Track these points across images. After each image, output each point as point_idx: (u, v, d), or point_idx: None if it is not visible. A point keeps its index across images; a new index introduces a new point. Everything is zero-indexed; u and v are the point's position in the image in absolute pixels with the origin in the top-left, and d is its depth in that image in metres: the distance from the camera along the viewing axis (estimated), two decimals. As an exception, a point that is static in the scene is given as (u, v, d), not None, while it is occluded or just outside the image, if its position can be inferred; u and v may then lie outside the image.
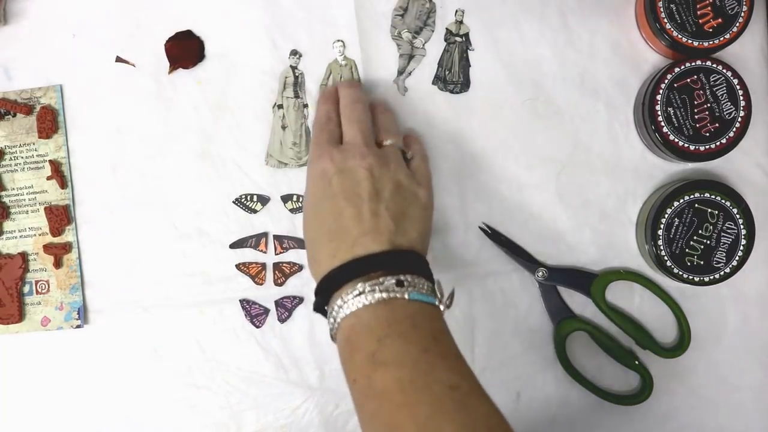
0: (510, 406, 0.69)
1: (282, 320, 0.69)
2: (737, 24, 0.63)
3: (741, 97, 0.63)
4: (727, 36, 0.63)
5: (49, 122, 0.69)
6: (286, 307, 0.69)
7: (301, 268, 0.69)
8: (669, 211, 0.64)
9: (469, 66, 0.68)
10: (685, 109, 0.63)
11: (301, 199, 0.69)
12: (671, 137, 0.63)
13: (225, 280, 0.69)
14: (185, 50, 0.68)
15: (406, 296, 0.50)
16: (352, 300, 0.50)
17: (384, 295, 0.49)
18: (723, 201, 0.63)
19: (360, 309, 0.50)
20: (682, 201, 0.64)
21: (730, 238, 0.64)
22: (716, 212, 0.64)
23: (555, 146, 0.68)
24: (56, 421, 0.70)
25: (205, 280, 0.69)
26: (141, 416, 0.70)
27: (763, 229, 0.66)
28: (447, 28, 0.69)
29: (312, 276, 0.58)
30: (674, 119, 0.63)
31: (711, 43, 0.63)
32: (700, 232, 0.64)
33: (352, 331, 0.50)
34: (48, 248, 0.69)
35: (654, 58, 0.68)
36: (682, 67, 0.63)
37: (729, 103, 0.63)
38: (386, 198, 0.56)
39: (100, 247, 0.70)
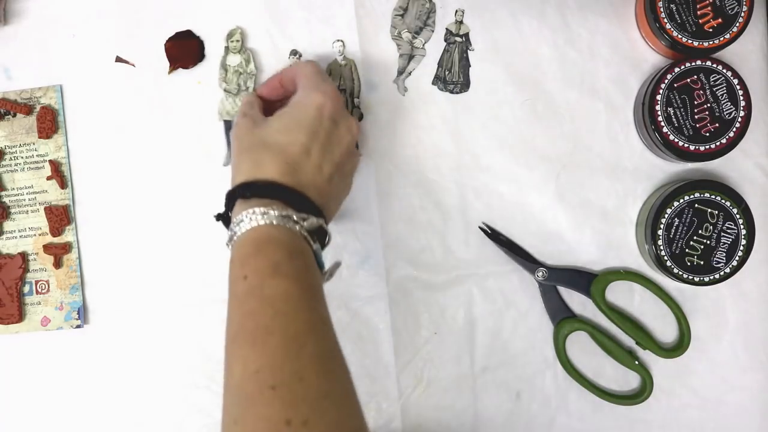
0: (510, 406, 0.69)
1: (282, 320, 0.69)
2: (737, 24, 0.63)
3: (741, 97, 0.63)
4: (727, 36, 0.63)
5: (49, 122, 0.69)
6: (286, 307, 0.69)
7: (301, 268, 0.69)
8: (669, 211, 0.64)
9: (469, 66, 0.68)
10: (685, 109, 0.63)
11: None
12: (671, 137, 0.63)
13: (225, 280, 0.69)
14: (185, 50, 0.69)
15: (314, 247, 0.54)
16: (277, 215, 0.52)
17: (303, 232, 0.53)
18: (723, 201, 0.63)
19: (281, 226, 0.53)
20: (682, 201, 0.64)
21: (730, 238, 0.64)
22: (716, 212, 0.64)
23: (555, 146, 0.68)
24: (56, 421, 0.70)
25: (205, 280, 0.69)
26: (141, 416, 0.70)
27: (763, 229, 0.66)
28: (447, 28, 0.69)
29: (237, 168, 0.58)
30: (674, 119, 0.63)
31: (711, 43, 0.63)
32: (700, 232, 0.64)
33: (267, 238, 0.52)
34: (48, 248, 0.69)
35: (654, 58, 0.68)
36: (682, 67, 0.63)
37: (729, 103, 0.63)
38: (343, 173, 0.61)
39: (100, 247, 0.70)
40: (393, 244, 0.69)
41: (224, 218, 0.58)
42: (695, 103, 0.63)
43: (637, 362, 0.67)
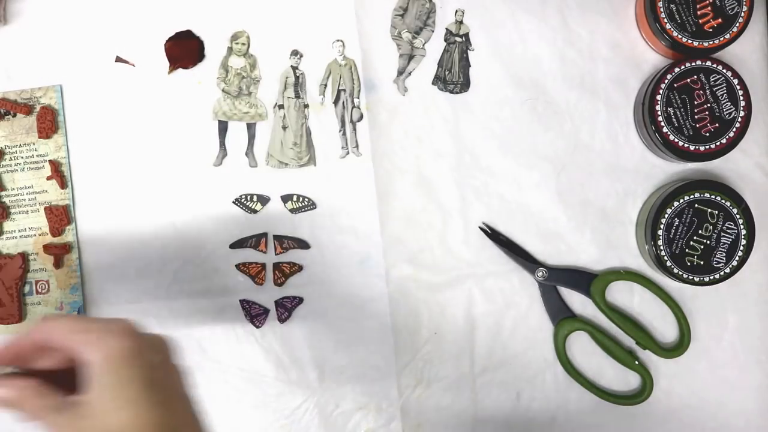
0: (510, 406, 0.69)
1: (282, 320, 0.69)
2: (737, 24, 0.63)
3: (741, 97, 0.63)
4: (727, 36, 0.63)
5: (49, 122, 0.69)
6: (286, 307, 0.69)
7: (301, 268, 0.69)
8: (669, 211, 0.64)
9: (469, 66, 0.68)
10: (685, 109, 0.63)
11: (301, 199, 0.69)
12: (671, 137, 0.63)
13: (225, 280, 0.69)
14: (185, 50, 0.68)
15: None
16: None
17: None
18: (723, 201, 0.63)
19: None
20: (682, 201, 0.64)
21: (730, 238, 0.64)
22: (716, 212, 0.64)
23: (555, 146, 0.68)
24: (56, 421, 0.70)
25: (205, 280, 0.69)
26: (141, 416, 0.70)
27: (763, 229, 0.66)
28: (447, 28, 0.69)
29: None
30: (674, 119, 0.63)
31: (711, 43, 0.63)
32: (700, 232, 0.64)
33: None
34: (48, 248, 0.69)
35: (654, 58, 0.68)
36: (682, 67, 0.63)
37: (729, 103, 0.63)
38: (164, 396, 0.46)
39: (100, 247, 0.70)
40: (393, 244, 0.69)
41: None
42: (695, 103, 0.63)
43: (637, 362, 0.67)
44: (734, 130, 0.63)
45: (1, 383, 0.44)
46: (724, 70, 0.63)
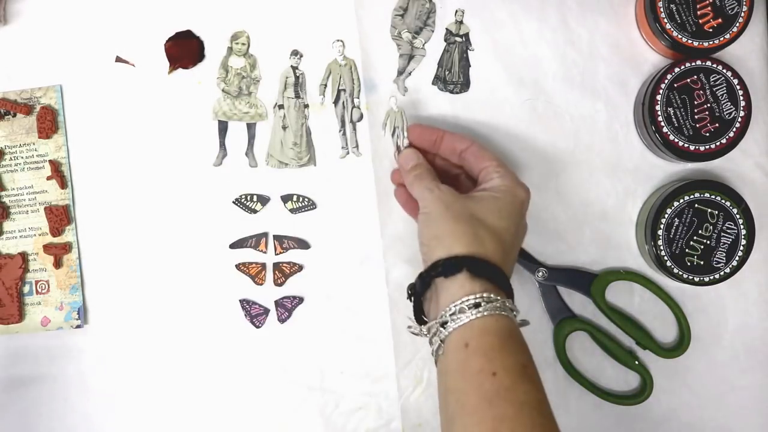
0: (510, 406, 0.69)
1: (282, 320, 0.69)
2: (737, 24, 0.63)
3: (741, 97, 0.63)
4: (727, 36, 0.63)
5: (49, 122, 0.69)
6: (286, 307, 0.69)
7: (301, 268, 0.69)
8: (669, 211, 0.64)
9: (469, 66, 0.68)
10: (685, 109, 0.63)
11: (301, 199, 0.69)
12: (671, 137, 0.63)
13: (225, 280, 0.69)
14: (185, 50, 0.69)
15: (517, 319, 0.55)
16: (514, 311, 0.54)
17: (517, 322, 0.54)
18: (723, 201, 0.64)
19: (511, 317, 0.53)
20: (682, 201, 0.64)
21: (730, 238, 0.64)
22: (716, 212, 0.64)
23: (555, 146, 0.68)
24: (55, 421, 0.70)
25: (205, 280, 0.69)
26: (140, 416, 0.70)
27: (763, 229, 0.66)
28: (447, 28, 0.69)
29: (451, 234, 0.55)
30: (674, 119, 0.63)
31: (711, 43, 0.63)
32: (700, 232, 0.64)
33: (510, 332, 0.53)
34: (48, 248, 0.69)
35: (654, 58, 0.68)
36: (682, 67, 0.63)
37: (729, 103, 0.63)
38: None
39: (100, 247, 0.70)
40: (393, 244, 0.69)
41: (424, 280, 0.56)
42: (695, 103, 0.63)
43: (637, 362, 0.67)
44: (734, 130, 0.63)
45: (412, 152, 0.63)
46: (724, 70, 0.63)
